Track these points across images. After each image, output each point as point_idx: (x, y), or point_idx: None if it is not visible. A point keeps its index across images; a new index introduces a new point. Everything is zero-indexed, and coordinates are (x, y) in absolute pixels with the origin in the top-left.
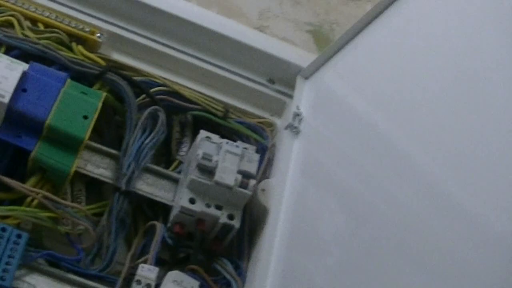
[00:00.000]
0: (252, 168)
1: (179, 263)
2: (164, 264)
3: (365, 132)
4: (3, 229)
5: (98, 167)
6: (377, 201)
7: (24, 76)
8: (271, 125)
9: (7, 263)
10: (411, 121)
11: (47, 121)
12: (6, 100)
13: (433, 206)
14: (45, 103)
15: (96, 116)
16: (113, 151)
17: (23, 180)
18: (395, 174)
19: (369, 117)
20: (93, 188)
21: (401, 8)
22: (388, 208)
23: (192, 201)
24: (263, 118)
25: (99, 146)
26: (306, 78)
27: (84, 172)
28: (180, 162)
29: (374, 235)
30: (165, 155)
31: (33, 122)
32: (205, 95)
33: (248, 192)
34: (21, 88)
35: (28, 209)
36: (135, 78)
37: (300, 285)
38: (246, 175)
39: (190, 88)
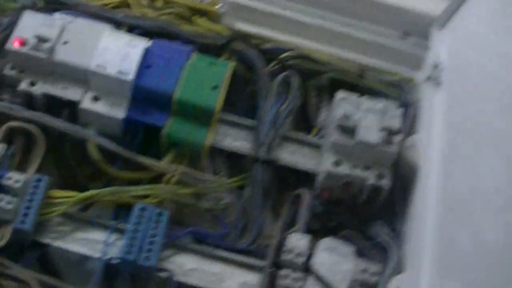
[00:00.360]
0: (395, 123)
1: (330, 232)
2: (315, 234)
3: None
4: (143, 209)
5: (236, 140)
6: None
7: (147, 53)
8: (410, 80)
9: (150, 243)
10: None
11: (175, 95)
12: (130, 77)
13: None
14: (171, 77)
15: (226, 85)
16: (249, 122)
17: (158, 157)
18: None
19: None
20: (235, 163)
21: None
22: None
23: (337, 163)
24: (401, 74)
25: (233, 118)
26: (441, 26)
27: (222, 147)
28: (320, 128)
29: None
30: (304, 122)
31: (161, 97)
32: (337, 56)
33: (393, 149)
34: (145, 65)
35: (167, 186)
36: (264, 46)
37: (466, 242)
38: (390, 132)
39: (323, 51)
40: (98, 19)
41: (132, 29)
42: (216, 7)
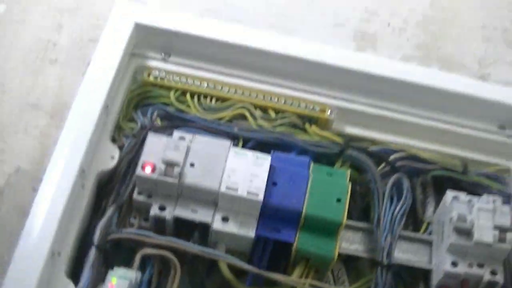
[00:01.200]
0: (506, 221)
1: None
2: None
3: None
4: None
5: (353, 243)
6: None
7: (271, 169)
8: (508, 170)
9: None
10: None
11: (304, 211)
12: (260, 198)
13: None
14: (297, 193)
15: (348, 196)
16: (365, 225)
17: (285, 271)
18: None
19: None
20: (350, 264)
21: None
22: None
23: (454, 264)
24: (499, 165)
25: (350, 222)
26: None
27: (340, 251)
28: (428, 223)
29: None
30: (411, 218)
31: (289, 213)
32: (441, 152)
33: (507, 246)
34: (271, 182)
35: None
36: (371, 148)
37: None
38: (502, 229)
39: (425, 149)
40: (215, 134)
41: (247, 141)
42: (327, 113)
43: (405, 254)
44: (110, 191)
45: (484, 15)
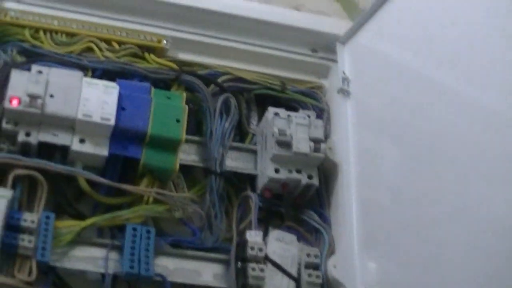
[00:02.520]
0: (319, 133)
1: (273, 220)
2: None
3: (409, 75)
4: (134, 229)
5: (189, 154)
6: (424, 132)
7: (119, 96)
8: (320, 87)
9: (146, 256)
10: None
11: (148, 131)
12: (112, 122)
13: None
14: (142, 115)
15: (185, 117)
16: (198, 138)
17: (133, 183)
18: (440, 107)
19: (410, 62)
20: (186, 173)
21: None
22: (433, 135)
23: (277, 171)
24: (313, 82)
25: (186, 136)
26: (344, 43)
27: (180, 162)
28: (253, 135)
29: (423, 158)
30: (237, 130)
31: (136, 134)
32: (262, 73)
33: (321, 155)
34: (120, 107)
35: (147, 206)
36: (201, 72)
37: (376, 215)
38: (316, 141)
39: (248, 70)
40: (67, 66)
41: (95, 70)
42: (162, 43)
43: (234, 162)
44: None
45: None
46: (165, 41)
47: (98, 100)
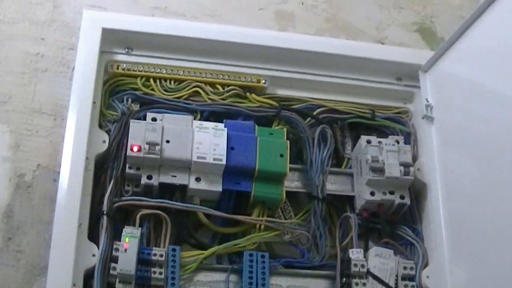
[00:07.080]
0: (408, 158)
1: (371, 234)
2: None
3: (491, 97)
4: (251, 255)
5: (293, 181)
6: (505, 148)
7: (228, 137)
8: (406, 112)
9: (263, 278)
10: None
11: (256, 167)
12: (223, 162)
13: None
14: (250, 153)
15: (288, 151)
16: (299, 166)
17: (245, 212)
18: None
19: (491, 84)
20: (291, 198)
21: None
22: None
23: (372, 194)
24: (399, 107)
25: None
26: (425, 71)
27: (285, 189)
28: (348, 159)
29: (504, 174)
30: (334, 155)
31: (245, 170)
32: (353, 103)
33: (411, 177)
34: (229, 147)
35: (260, 233)
36: (298, 106)
37: (462, 228)
38: (406, 165)
39: (340, 101)
40: (177, 110)
41: (202, 112)
42: (262, 82)
43: (333, 185)
44: (106, 168)
45: None
46: (263, 80)
47: (210, 143)
